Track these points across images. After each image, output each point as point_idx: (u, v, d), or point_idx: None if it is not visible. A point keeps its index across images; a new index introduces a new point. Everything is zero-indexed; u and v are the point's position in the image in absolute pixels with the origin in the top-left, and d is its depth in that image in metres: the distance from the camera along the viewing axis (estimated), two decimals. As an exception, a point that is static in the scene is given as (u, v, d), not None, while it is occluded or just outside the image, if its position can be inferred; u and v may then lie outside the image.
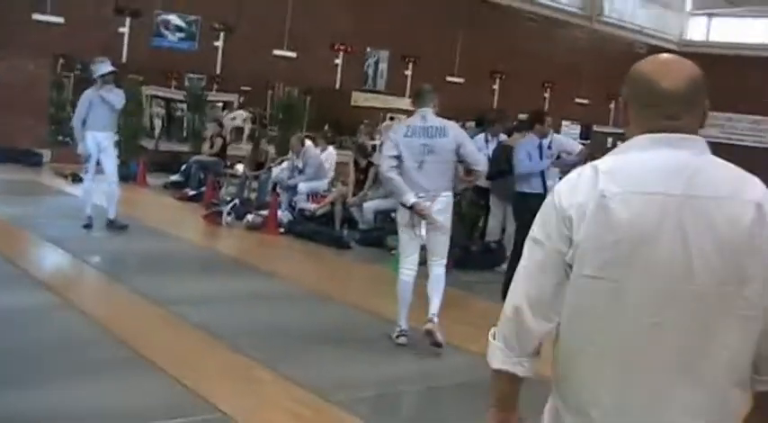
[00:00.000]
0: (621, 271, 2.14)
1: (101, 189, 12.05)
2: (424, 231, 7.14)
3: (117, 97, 11.93)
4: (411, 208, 7.01)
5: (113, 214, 12.12)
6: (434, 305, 7.22)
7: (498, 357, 2.42)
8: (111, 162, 12.05)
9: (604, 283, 2.16)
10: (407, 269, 7.29)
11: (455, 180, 7.40)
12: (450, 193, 7.28)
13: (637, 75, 2.32)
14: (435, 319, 7.18)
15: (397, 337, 7.26)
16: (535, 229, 2.36)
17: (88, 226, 11.86)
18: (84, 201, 12.12)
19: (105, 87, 11.81)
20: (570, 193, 2.24)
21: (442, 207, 7.17)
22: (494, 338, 2.44)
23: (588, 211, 2.17)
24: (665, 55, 2.38)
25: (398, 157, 7.04)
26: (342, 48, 25.66)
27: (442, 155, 7.13)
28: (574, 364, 2.29)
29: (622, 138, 2.37)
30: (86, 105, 11.81)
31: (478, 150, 12.11)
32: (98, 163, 11.93)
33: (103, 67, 11.94)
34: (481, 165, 7.57)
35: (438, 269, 7.33)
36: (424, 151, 7.04)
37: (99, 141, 11.81)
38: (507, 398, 2.49)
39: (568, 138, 10.63)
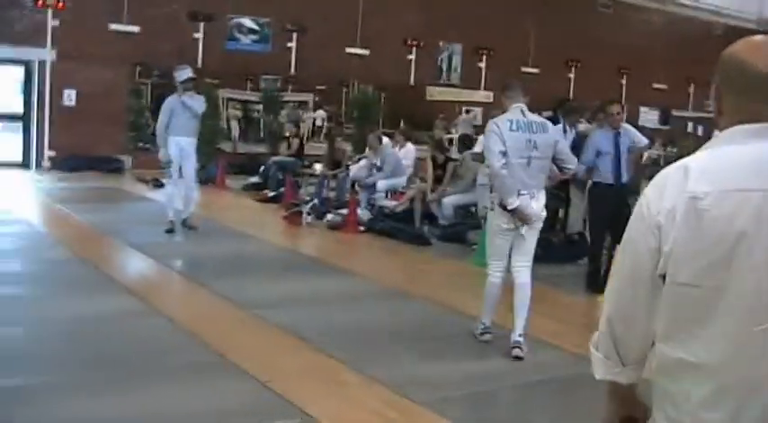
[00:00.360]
0: (720, 276, 1.96)
1: (181, 193, 12.22)
2: (524, 230, 6.94)
3: (198, 103, 12.10)
4: (512, 211, 6.75)
5: (187, 214, 12.32)
6: (520, 325, 6.95)
7: (600, 368, 2.31)
8: (191, 167, 12.24)
9: (702, 291, 1.99)
10: (498, 271, 7.07)
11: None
12: (544, 191, 7.08)
13: (729, 58, 2.16)
14: (522, 340, 6.91)
15: (482, 334, 7.18)
16: (625, 237, 2.17)
17: (171, 231, 12.03)
18: (167, 206, 12.30)
19: (186, 94, 11.97)
20: (658, 197, 2.06)
21: (542, 205, 6.97)
22: (595, 349, 2.33)
23: (678, 215, 2.00)
24: (761, 36, 2.18)
25: (504, 153, 6.76)
26: (414, 43, 25.65)
27: (544, 151, 6.91)
28: (674, 378, 2.09)
29: (702, 122, 2.21)
30: (169, 112, 12.00)
31: (557, 141, 12.11)
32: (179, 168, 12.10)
33: (184, 73, 12.12)
34: (574, 163, 7.42)
35: (525, 275, 7.04)
36: (530, 147, 6.81)
37: (182, 147, 12.00)
38: (623, 401, 2.37)
39: (636, 131, 10.34)
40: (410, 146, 16.11)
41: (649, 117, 32.27)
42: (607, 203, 9.72)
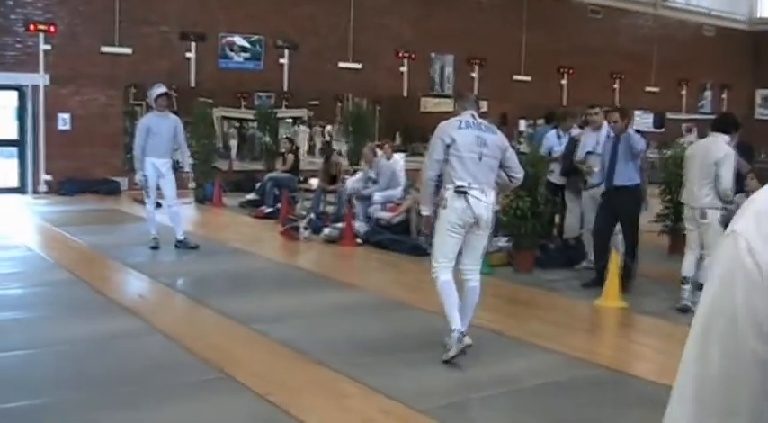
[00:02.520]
0: None
1: (170, 212, 12.41)
2: (475, 229, 6.89)
3: (172, 122, 12.21)
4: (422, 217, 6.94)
5: (182, 235, 12.40)
6: (466, 323, 6.97)
7: None
8: (170, 186, 12.30)
9: None
10: (448, 269, 6.90)
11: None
12: (494, 193, 7.10)
13: None
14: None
15: (459, 339, 6.78)
16: (705, 311, 1.22)
17: (155, 247, 12.19)
18: (149, 224, 12.44)
19: (161, 112, 12.04)
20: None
21: (492, 200, 6.99)
22: None
23: None
24: None
25: (449, 148, 6.82)
26: (406, 55, 25.71)
27: (493, 150, 6.96)
28: None
29: (696, 124, 2.12)
30: (145, 132, 12.03)
31: (551, 147, 12.25)
32: (158, 188, 12.21)
33: (156, 90, 12.16)
34: (521, 174, 7.34)
35: (476, 279, 7.05)
36: (480, 143, 6.89)
37: (158, 167, 12.03)
38: None
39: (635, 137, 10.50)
40: (397, 157, 16.12)
41: (644, 120, 32.34)
42: (602, 203, 10.07)
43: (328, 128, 25.13)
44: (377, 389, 6.16)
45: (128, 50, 20.96)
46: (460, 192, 6.76)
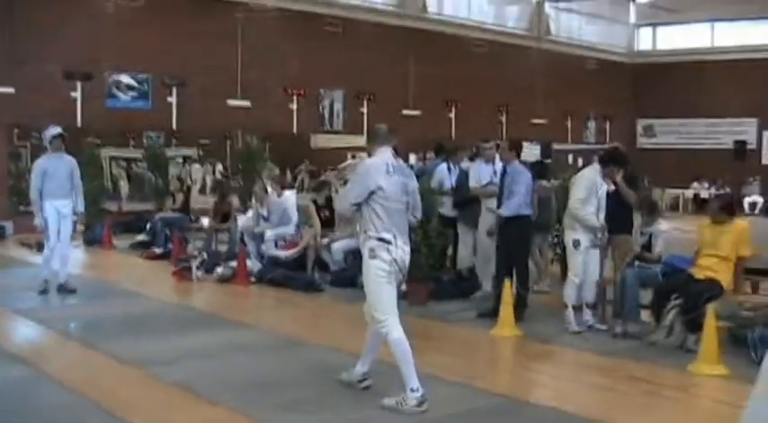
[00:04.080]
0: None
1: (61, 254, 12.12)
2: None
3: (67, 163, 11.99)
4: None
5: (64, 278, 12.15)
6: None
7: None
8: (68, 228, 12.10)
9: None
10: (397, 322, 6.55)
11: None
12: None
13: None
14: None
15: (420, 403, 6.42)
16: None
17: (44, 291, 11.94)
18: (42, 267, 12.16)
19: (55, 153, 11.82)
20: None
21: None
22: None
23: None
24: None
25: (373, 194, 6.47)
26: (295, 91, 25.74)
27: (411, 196, 6.78)
28: None
29: (582, 153, 2.18)
30: (41, 175, 11.77)
31: (442, 180, 12.41)
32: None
33: (50, 131, 11.97)
34: (420, 212, 7.08)
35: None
36: (404, 190, 6.66)
37: (59, 209, 11.78)
38: None
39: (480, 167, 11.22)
40: (287, 193, 16.09)
41: (531, 151, 32.93)
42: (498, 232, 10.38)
43: (219, 166, 24.94)
44: (274, 427, 6.09)
45: (10, 90, 20.47)
46: (386, 242, 6.50)
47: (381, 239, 6.49)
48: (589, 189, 9.57)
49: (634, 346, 8.72)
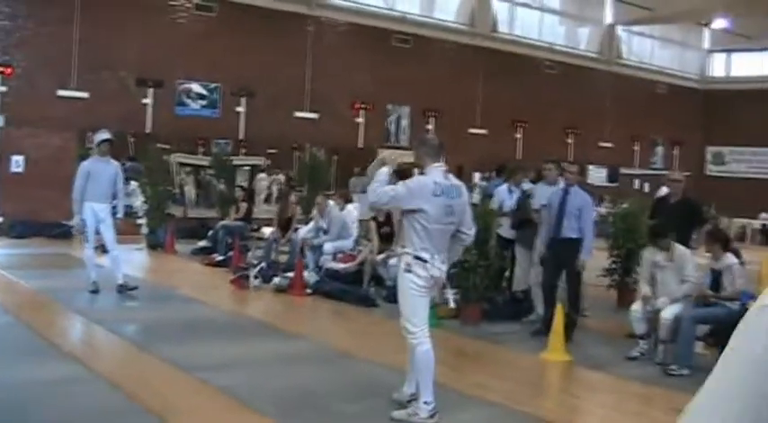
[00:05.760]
0: None
1: (111, 256, 12.46)
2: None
3: (111, 168, 12.27)
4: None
5: (121, 279, 12.41)
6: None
7: None
8: (110, 231, 12.32)
9: None
10: (428, 335, 6.69)
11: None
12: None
13: None
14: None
15: (432, 415, 6.59)
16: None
17: (94, 291, 12.20)
18: (89, 269, 12.43)
19: (102, 158, 12.07)
20: None
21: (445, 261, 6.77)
22: None
23: None
24: None
25: (414, 213, 6.52)
26: (362, 106, 25.88)
27: (457, 216, 6.74)
28: None
29: (648, 179, 2.00)
30: (85, 176, 12.02)
31: (503, 201, 12.40)
32: (97, 232, 12.22)
33: (100, 135, 12.25)
34: (473, 231, 7.07)
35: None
36: (448, 213, 6.61)
37: (96, 213, 12.04)
38: None
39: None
40: (350, 207, 16.19)
41: (597, 175, 32.76)
42: (550, 254, 10.45)
43: (281, 176, 25.09)
44: (316, 440, 6.15)
45: (84, 94, 20.96)
46: (423, 261, 6.53)
47: (418, 258, 6.53)
48: None
49: (684, 378, 8.58)
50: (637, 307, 9.53)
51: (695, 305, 9.22)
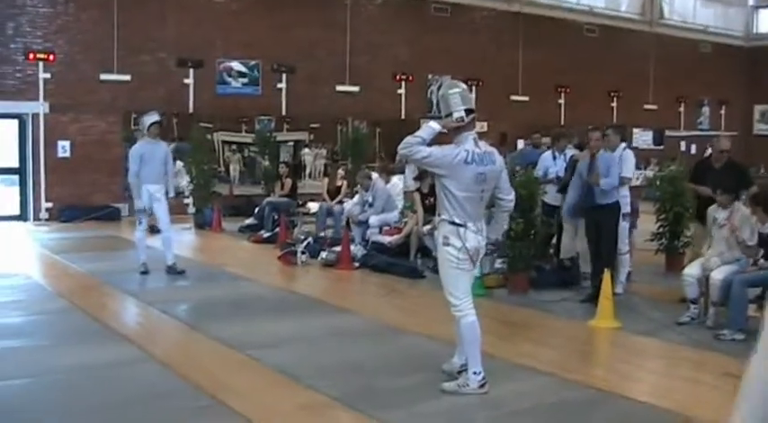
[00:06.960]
0: None
1: (163, 237, 12.71)
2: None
3: (162, 149, 12.51)
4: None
5: (171, 260, 12.60)
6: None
7: None
8: (163, 211, 12.54)
9: None
10: (472, 306, 6.74)
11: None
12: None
13: None
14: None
15: (482, 385, 6.70)
16: None
17: (145, 272, 12.44)
18: (139, 251, 12.69)
19: (152, 140, 12.24)
20: None
21: (484, 229, 6.78)
22: None
23: None
24: None
25: (444, 178, 6.54)
26: (403, 77, 25.83)
27: (490, 184, 6.72)
28: None
29: (694, 140, 1.91)
30: (138, 160, 12.18)
31: (547, 168, 12.32)
32: (151, 213, 12.55)
33: (149, 119, 12.45)
34: (512, 196, 7.05)
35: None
36: (479, 180, 6.57)
37: (152, 193, 12.28)
38: None
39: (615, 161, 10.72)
40: (395, 179, 16.20)
41: (643, 138, 32.45)
42: (589, 223, 10.55)
43: (324, 151, 25.17)
44: (369, 414, 6.18)
45: (126, 77, 21.13)
46: (458, 225, 6.56)
47: (453, 223, 6.57)
48: None
49: (737, 343, 8.49)
50: (689, 270, 9.45)
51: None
